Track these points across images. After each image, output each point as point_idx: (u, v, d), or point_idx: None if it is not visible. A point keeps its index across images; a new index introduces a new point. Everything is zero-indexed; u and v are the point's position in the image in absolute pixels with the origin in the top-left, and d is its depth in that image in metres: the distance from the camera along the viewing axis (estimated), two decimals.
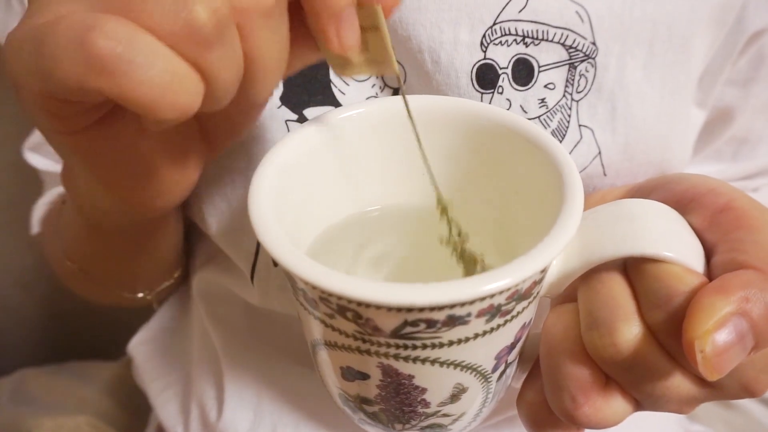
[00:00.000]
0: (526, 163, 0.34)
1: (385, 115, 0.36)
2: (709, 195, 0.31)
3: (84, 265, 0.52)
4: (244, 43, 0.26)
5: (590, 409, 0.30)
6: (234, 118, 0.34)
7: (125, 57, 0.23)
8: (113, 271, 0.53)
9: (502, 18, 0.40)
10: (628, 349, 0.28)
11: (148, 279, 0.54)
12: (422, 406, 0.32)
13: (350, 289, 0.26)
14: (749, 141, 0.52)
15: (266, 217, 0.29)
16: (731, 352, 0.26)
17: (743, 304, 0.26)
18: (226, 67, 0.25)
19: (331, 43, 0.29)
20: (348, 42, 0.29)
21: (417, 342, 0.28)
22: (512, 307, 0.28)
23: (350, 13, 0.28)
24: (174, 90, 0.24)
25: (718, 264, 0.29)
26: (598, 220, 0.31)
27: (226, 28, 0.24)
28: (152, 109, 0.24)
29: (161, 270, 0.54)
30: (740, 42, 0.46)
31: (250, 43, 0.26)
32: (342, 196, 0.37)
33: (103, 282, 0.54)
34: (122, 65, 0.23)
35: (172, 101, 0.24)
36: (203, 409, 0.52)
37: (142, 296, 0.55)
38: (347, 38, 0.29)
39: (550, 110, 0.41)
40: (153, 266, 0.52)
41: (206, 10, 0.24)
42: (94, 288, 0.55)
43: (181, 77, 0.24)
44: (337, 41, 0.29)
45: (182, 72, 0.24)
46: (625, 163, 0.42)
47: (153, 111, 0.24)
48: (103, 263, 0.52)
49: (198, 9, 0.23)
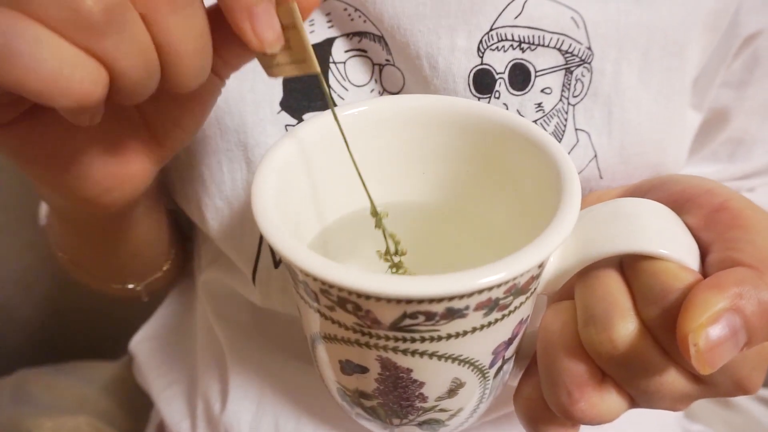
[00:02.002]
0: (525, 161, 0.35)
1: (385, 113, 0.37)
2: (705, 195, 0.32)
3: (71, 257, 0.52)
4: (151, 30, 0.26)
5: (586, 405, 0.30)
6: (175, 112, 0.34)
7: (10, 47, 0.23)
8: (97, 262, 0.53)
9: (499, 24, 0.41)
10: (624, 345, 0.29)
11: (134, 271, 0.54)
12: (420, 400, 0.32)
13: (351, 280, 0.26)
14: (745, 142, 0.52)
15: (269, 211, 0.30)
16: (724, 347, 0.26)
17: (737, 300, 0.26)
18: (126, 54, 0.25)
19: (249, 41, 0.28)
20: (265, 38, 0.28)
21: (416, 335, 0.28)
22: (510, 301, 0.29)
23: (266, 10, 0.28)
24: (66, 77, 0.24)
25: (714, 262, 0.30)
26: (595, 218, 0.31)
27: (118, 15, 0.24)
28: (46, 97, 0.24)
29: (145, 263, 0.54)
30: (735, 45, 0.46)
31: (157, 31, 0.26)
32: (342, 194, 0.37)
33: (91, 272, 0.54)
34: (6, 55, 0.23)
35: (64, 88, 0.24)
36: (208, 403, 0.52)
37: (132, 287, 0.55)
38: (264, 35, 0.28)
39: (547, 114, 0.42)
40: (133, 259, 0.52)
41: (97, 4, 0.23)
42: (87, 278, 0.55)
43: (72, 64, 0.24)
44: (254, 38, 0.28)
45: (73, 59, 0.24)
46: (621, 166, 0.43)
47: (47, 99, 0.24)
48: (85, 255, 0.52)
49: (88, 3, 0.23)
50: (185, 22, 0.26)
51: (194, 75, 0.28)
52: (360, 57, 0.43)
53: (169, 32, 0.26)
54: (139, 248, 0.50)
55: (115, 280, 0.54)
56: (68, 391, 0.66)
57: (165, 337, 0.62)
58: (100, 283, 0.55)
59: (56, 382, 0.67)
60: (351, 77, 0.43)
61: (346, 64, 0.43)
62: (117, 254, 0.50)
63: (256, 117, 0.42)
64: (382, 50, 0.43)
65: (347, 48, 0.43)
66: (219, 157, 0.43)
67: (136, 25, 0.25)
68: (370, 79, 0.44)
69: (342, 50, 0.43)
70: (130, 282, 0.55)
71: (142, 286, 0.56)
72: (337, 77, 0.43)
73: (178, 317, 0.62)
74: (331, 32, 0.43)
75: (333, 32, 0.43)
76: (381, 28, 0.42)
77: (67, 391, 0.66)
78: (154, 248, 0.53)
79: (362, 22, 0.42)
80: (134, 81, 0.26)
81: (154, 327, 0.63)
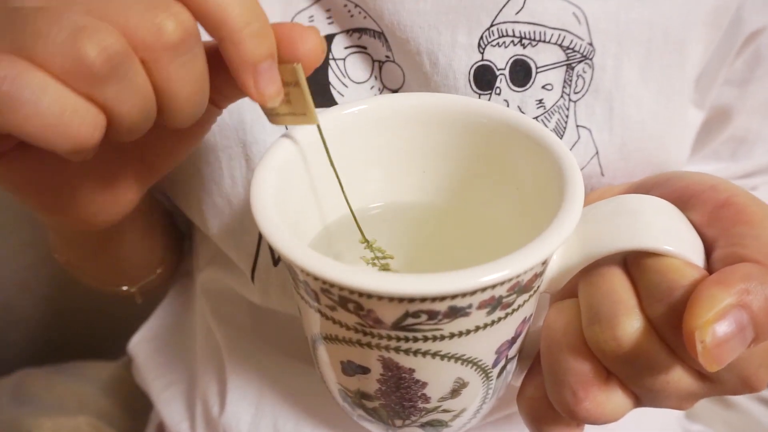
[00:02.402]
0: (527, 159, 0.34)
1: (387, 112, 0.36)
2: (709, 191, 0.31)
3: (66, 259, 0.52)
4: (152, 76, 0.26)
5: (591, 404, 0.30)
6: (169, 143, 0.34)
7: (11, 94, 0.23)
8: (90, 266, 0.53)
9: (500, 20, 0.41)
10: (629, 343, 0.29)
11: (127, 274, 0.55)
12: (422, 401, 0.32)
13: (352, 279, 0.26)
14: (747, 140, 0.52)
15: (268, 210, 0.29)
16: (731, 344, 0.26)
17: (743, 296, 0.26)
18: (126, 100, 0.26)
19: (251, 94, 0.29)
20: (266, 93, 0.29)
21: (418, 334, 0.28)
22: (513, 299, 0.28)
23: (269, 67, 0.29)
24: (65, 123, 0.24)
25: (719, 258, 0.29)
26: (598, 216, 0.31)
27: (120, 64, 0.25)
28: (44, 142, 0.24)
29: (138, 266, 0.54)
30: (737, 43, 0.46)
31: (157, 77, 0.26)
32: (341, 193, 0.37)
33: (86, 274, 0.54)
34: (8, 102, 0.24)
35: (64, 134, 0.24)
36: (207, 404, 0.52)
37: (126, 289, 0.55)
38: (265, 90, 0.29)
39: (548, 111, 0.42)
40: (126, 263, 0.53)
41: (96, 48, 0.24)
42: (83, 278, 0.56)
43: (72, 111, 0.24)
44: (256, 93, 0.29)
45: (73, 106, 0.24)
46: (622, 163, 0.43)
47: (45, 144, 0.24)
48: (78, 258, 0.52)
49: (87, 47, 0.24)
50: (185, 68, 0.27)
51: (191, 114, 0.29)
52: (360, 53, 0.43)
53: (169, 78, 0.27)
54: (131, 253, 0.51)
55: (109, 282, 0.55)
56: (68, 391, 0.66)
57: (164, 337, 0.62)
58: (95, 283, 0.55)
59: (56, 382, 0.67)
60: (351, 74, 0.43)
61: (346, 60, 0.43)
62: (109, 259, 0.50)
63: (255, 114, 0.42)
64: (382, 46, 0.42)
65: (347, 44, 0.43)
66: (218, 155, 0.43)
67: (137, 72, 0.26)
68: (370, 76, 0.43)
69: (342, 47, 0.43)
70: (123, 284, 0.55)
71: (135, 289, 0.56)
72: (336, 74, 0.43)
73: (177, 317, 0.62)
74: (331, 28, 0.43)
75: (333, 28, 0.43)
76: (381, 24, 0.42)
77: (67, 391, 0.66)
78: (146, 253, 0.53)
79: (362, 18, 0.42)
80: (132, 123, 0.26)
81: (153, 327, 0.63)
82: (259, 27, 0.28)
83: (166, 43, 0.26)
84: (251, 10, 0.28)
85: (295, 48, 0.30)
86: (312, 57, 0.30)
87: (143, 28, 0.25)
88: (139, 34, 0.25)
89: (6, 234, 0.81)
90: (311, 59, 0.30)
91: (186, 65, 0.27)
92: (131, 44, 0.25)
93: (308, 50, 0.30)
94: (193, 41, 0.27)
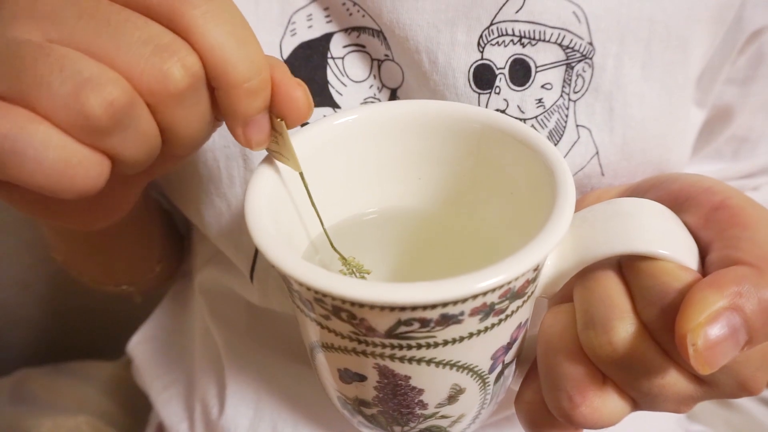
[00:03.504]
0: (520, 164, 0.34)
1: (381, 119, 0.36)
2: (704, 193, 0.31)
3: (64, 258, 0.52)
4: (158, 119, 0.26)
5: (587, 409, 0.30)
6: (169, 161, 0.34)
7: (15, 150, 0.23)
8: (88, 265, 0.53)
9: (499, 18, 0.40)
10: (624, 347, 0.28)
11: (125, 273, 0.55)
12: (420, 407, 0.31)
13: (343, 288, 0.26)
14: (749, 140, 0.52)
15: (262, 219, 0.29)
16: (723, 347, 0.26)
17: (736, 299, 0.26)
18: (130, 146, 0.25)
19: (238, 140, 0.30)
20: (254, 141, 0.30)
21: (412, 342, 0.28)
22: (506, 306, 0.28)
23: (260, 119, 0.29)
24: (70, 175, 0.24)
25: (713, 261, 0.29)
26: (593, 219, 0.31)
27: (125, 115, 0.24)
28: (49, 192, 0.24)
29: (136, 266, 0.54)
30: (739, 41, 0.46)
31: (162, 120, 0.26)
32: (339, 198, 0.37)
33: (84, 274, 0.54)
34: (12, 158, 0.23)
35: (69, 185, 0.24)
36: (206, 407, 0.53)
37: (125, 288, 0.55)
38: (253, 139, 0.29)
39: (548, 110, 0.41)
40: (124, 263, 0.53)
41: (101, 103, 0.24)
42: (82, 278, 0.56)
43: (77, 162, 0.24)
44: (243, 140, 0.29)
45: (79, 157, 0.24)
46: (623, 163, 0.42)
47: (52, 193, 0.24)
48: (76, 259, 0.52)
49: (92, 102, 0.24)
50: (190, 110, 0.27)
51: (194, 146, 0.29)
52: (359, 52, 0.43)
53: (175, 121, 0.27)
54: (129, 252, 0.51)
55: (107, 281, 0.55)
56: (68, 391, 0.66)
57: (163, 338, 0.62)
58: (94, 283, 0.56)
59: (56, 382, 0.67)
60: (349, 73, 0.43)
61: (345, 59, 0.43)
62: (107, 258, 0.50)
63: None
64: (381, 45, 0.42)
65: (346, 43, 0.43)
66: (216, 155, 0.43)
67: (142, 119, 0.26)
68: (369, 75, 0.43)
69: (340, 45, 0.43)
70: (122, 283, 0.55)
71: (134, 287, 0.56)
72: (335, 73, 0.43)
73: (176, 318, 0.62)
74: (330, 27, 0.43)
75: (331, 27, 0.43)
76: (380, 22, 0.41)
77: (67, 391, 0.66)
78: (144, 251, 0.53)
79: (361, 17, 0.42)
80: (136, 162, 0.27)
81: (152, 328, 0.63)
82: (257, 83, 0.28)
83: (173, 91, 0.25)
84: (254, 66, 0.27)
85: (283, 106, 0.30)
86: (297, 117, 0.30)
87: (150, 75, 0.25)
88: (145, 80, 0.25)
89: (6, 234, 0.82)
90: (296, 118, 0.30)
91: (191, 108, 0.27)
92: (137, 89, 0.25)
93: (295, 109, 0.30)
94: (199, 84, 0.27)
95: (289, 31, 0.42)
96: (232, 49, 0.26)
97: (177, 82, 0.25)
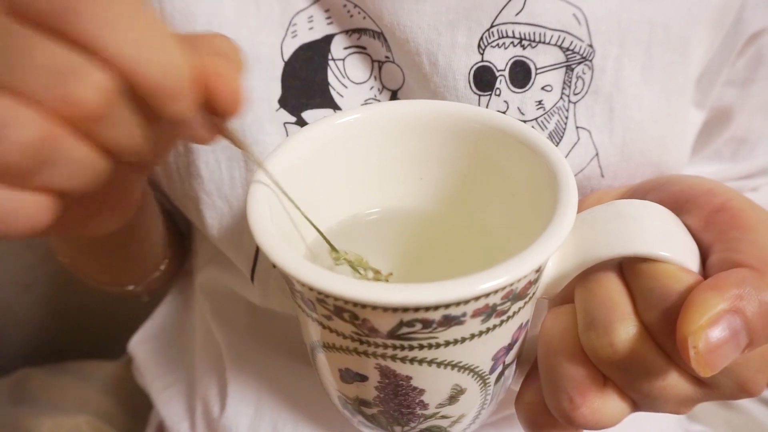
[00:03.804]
0: (521, 165, 0.34)
1: (382, 119, 0.37)
2: (705, 195, 0.31)
3: (70, 260, 0.52)
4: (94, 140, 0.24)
5: (588, 410, 0.30)
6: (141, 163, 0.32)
7: None
8: (94, 267, 0.53)
9: (499, 21, 0.40)
10: (624, 349, 0.29)
11: (131, 273, 0.54)
12: (421, 407, 0.32)
13: (346, 289, 0.26)
14: (748, 141, 0.52)
15: (264, 219, 0.29)
16: (724, 349, 0.26)
17: (737, 301, 0.26)
18: (70, 178, 0.23)
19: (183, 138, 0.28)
20: (198, 139, 0.28)
21: (414, 342, 0.28)
22: (508, 307, 0.28)
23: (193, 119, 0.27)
24: (7, 222, 0.23)
25: (714, 263, 0.29)
26: (594, 221, 0.31)
27: (49, 152, 0.22)
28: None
29: (142, 265, 0.54)
30: (739, 43, 0.46)
31: (100, 140, 0.24)
32: (340, 199, 0.37)
33: (90, 276, 0.54)
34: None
35: (13, 229, 0.23)
36: (207, 406, 0.53)
37: (132, 288, 0.55)
38: (196, 136, 0.28)
39: (548, 112, 0.42)
40: (129, 262, 0.52)
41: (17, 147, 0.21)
42: (87, 279, 0.55)
43: (12, 208, 0.22)
44: (190, 138, 0.28)
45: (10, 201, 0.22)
46: (622, 165, 0.42)
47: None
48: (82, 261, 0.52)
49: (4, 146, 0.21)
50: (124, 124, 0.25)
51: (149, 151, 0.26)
52: (359, 54, 0.43)
53: (114, 137, 0.24)
54: (135, 252, 0.50)
55: (113, 282, 0.54)
56: (68, 391, 0.66)
57: (164, 337, 0.62)
58: (100, 284, 0.55)
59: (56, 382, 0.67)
60: (350, 74, 0.43)
61: (346, 61, 0.43)
62: (112, 259, 0.50)
63: (254, 114, 0.42)
64: (382, 47, 0.42)
65: (346, 45, 0.43)
66: (217, 155, 0.43)
67: (72, 148, 0.23)
68: (370, 76, 0.43)
69: (341, 47, 0.43)
70: (129, 284, 0.55)
71: (141, 287, 0.56)
72: (336, 74, 0.43)
73: (177, 317, 0.62)
74: (330, 29, 0.43)
75: (332, 29, 0.43)
76: (380, 24, 0.41)
77: (67, 391, 0.66)
78: (149, 250, 0.53)
79: (362, 19, 0.42)
80: (87, 185, 0.24)
81: (153, 327, 0.63)
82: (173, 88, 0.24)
83: (91, 112, 0.23)
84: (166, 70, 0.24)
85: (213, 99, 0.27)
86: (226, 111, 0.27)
87: (62, 102, 0.22)
88: (60, 109, 0.22)
89: None
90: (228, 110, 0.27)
91: (123, 121, 0.24)
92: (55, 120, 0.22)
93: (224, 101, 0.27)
94: (118, 97, 0.24)
95: (290, 32, 0.42)
96: (138, 57, 0.23)
97: (91, 103, 0.23)
